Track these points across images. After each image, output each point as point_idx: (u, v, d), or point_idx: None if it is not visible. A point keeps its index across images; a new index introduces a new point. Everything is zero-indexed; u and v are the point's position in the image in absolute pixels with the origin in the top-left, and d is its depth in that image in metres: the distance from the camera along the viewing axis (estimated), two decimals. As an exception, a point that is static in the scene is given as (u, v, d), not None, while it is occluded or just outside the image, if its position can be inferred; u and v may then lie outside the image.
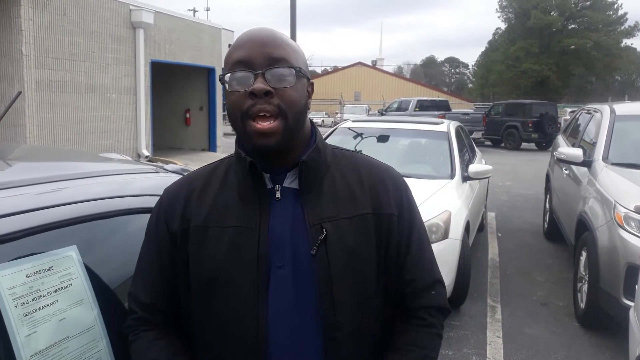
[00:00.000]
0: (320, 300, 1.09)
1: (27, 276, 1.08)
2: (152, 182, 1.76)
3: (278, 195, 1.13)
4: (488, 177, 5.88)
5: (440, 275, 1.24)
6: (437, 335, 1.20)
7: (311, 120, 1.21)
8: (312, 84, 1.19)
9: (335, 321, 1.10)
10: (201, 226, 1.14)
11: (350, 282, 1.11)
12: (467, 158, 6.25)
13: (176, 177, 1.88)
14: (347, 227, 1.12)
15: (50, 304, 1.10)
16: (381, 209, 1.16)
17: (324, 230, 1.10)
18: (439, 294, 1.22)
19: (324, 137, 1.22)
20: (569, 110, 25.73)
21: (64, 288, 1.14)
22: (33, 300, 1.07)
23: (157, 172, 1.87)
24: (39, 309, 1.07)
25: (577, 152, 5.37)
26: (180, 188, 1.22)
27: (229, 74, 1.09)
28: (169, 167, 1.99)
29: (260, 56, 1.07)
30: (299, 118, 1.11)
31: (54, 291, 1.12)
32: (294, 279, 1.10)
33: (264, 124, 1.05)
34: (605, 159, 5.01)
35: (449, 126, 6.18)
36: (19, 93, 1.56)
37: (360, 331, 1.13)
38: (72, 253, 1.20)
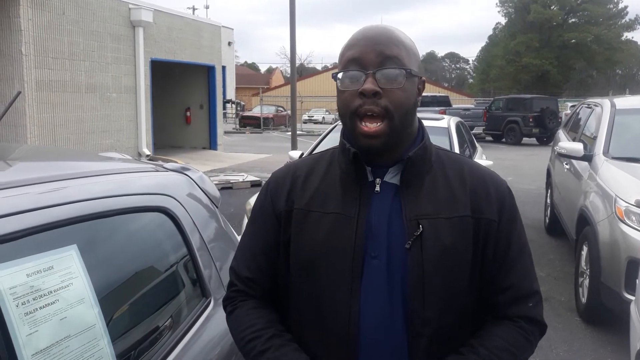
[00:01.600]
0: (411, 294, 1.11)
1: (28, 275, 1.08)
2: (152, 180, 1.76)
3: (377, 188, 1.15)
4: (489, 173, 5.85)
5: (538, 287, 1.22)
6: (528, 341, 1.17)
7: (420, 120, 1.23)
8: (423, 82, 1.19)
9: (423, 317, 1.11)
10: (303, 209, 1.18)
11: (442, 280, 1.11)
12: (468, 154, 6.25)
13: (176, 175, 1.89)
14: (444, 226, 1.13)
15: (51, 303, 1.10)
16: (481, 214, 1.16)
17: (420, 226, 1.11)
18: (536, 306, 1.20)
19: (322, 134, 1.24)
20: (569, 104, 25.68)
21: (65, 287, 1.14)
22: (34, 299, 1.07)
23: (157, 171, 1.87)
24: (40, 308, 1.08)
25: (577, 147, 5.36)
26: (287, 172, 1.27)
27: (341, 73, 1.12)
28: (168, 165, 1.99)
29: (372, 55, 1.09)
30: (406, 118, 1.13)
31: (55, 290, 1.12)
32: (387, 271, 1.12)
33: (371, 127, 1.08)
34: (605, 153, 5.00)
35: (449, 122, 6.18)
36: (19, 93, 1.57)
37: (447, 330, 1.13)
38: (72, 252, 1.20)
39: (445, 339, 1.14)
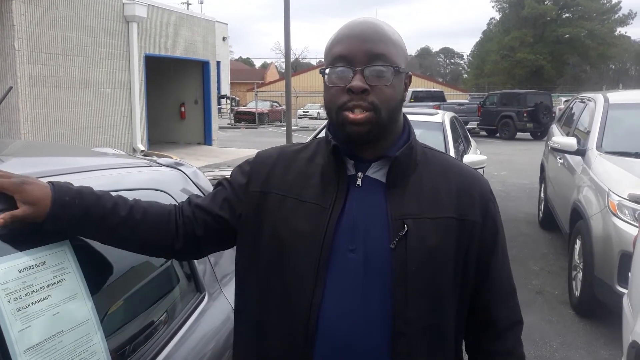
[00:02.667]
0: (393, 293, 1.10)
1: (20, 271, 1.08)
2: (145, 175, 1.76)
3: (359, 182, 1.15)
4: (483, 167, 5.89)
5: (515, 285, 1.28)
6: (522, 345, 1.28)
7: (405, 116, 1.24)
8: (409, 77, 1.20)
9: (406, 316, 1.10)
10: (280, 194, 1.18)
11: (426, 280, 1.12)
12: (462, 148, 6.26)
13: (170, 171, 1.89)
14: (429, 226, 1.13)
15: (44, 299, 1.10)
16: (466, 215, 1.16)
17: (405, 226, 1.11)
18: (516, 304, 1.27)
19: (317, 129, 1.25)
20: (563, 99, 25.77)
21: (57, 282, 1.14)
22: (26, 295, 1.07)
23: (151, 166, 1.87)
24: (32, 303, 1.07)
25: (571, 141, 5.38)
26: (271, 154, 1.27)
27: (329, 69, 1.13)
28: (162, 160, 1.99)
29: (360, 52, 1.09)
30: (393, 113, 1.14)
31: (47, 286, 1.12)
32: (365, 265, 1.11)
33: (357, 114, 1.09)
34: (599, 147, 5.03)
35: (443, 117, 6.19)
36: (10, 88, 1.56)
37: (432, 330, 1.14)
38: (65, 247, 1.20)
39: (432, 340, 1.14)
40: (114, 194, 1.23)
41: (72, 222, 1.15)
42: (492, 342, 1.25)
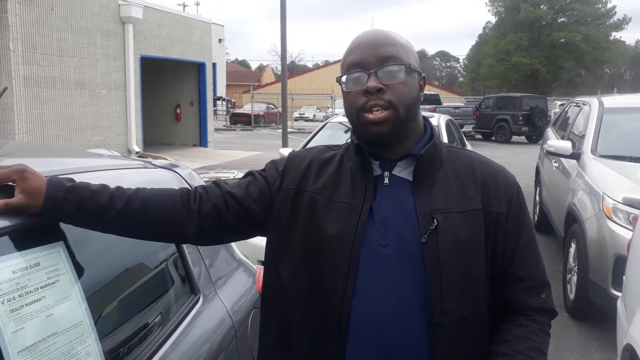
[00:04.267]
0: (429, 286, 1.14)
1: (14, 272, 1.07)
2: (140, 177, 1.75)
3: (386, 181, 1.20)
4: (478, 171, 5.89)
5: (547, 278, 1.28)
6: (547, 333, 1.25)
7: (424, 116, 1.29)
8: (424, 78, 1.26)
9: (442, 307, 1.14)
10: (315, 194, 1.23)
11: (459, 271, 1.15)
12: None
13: (164, 172, 1.88)
14: (458, 219, 1.17)
15: (38, 300, 1.09)
16: (490, 207, 1.20)
17: (435, 220, 1.15)
18: (549, 296, 1.27)
19: (313, 132, 1.26)
20: (558, 103, 25.85)
21: (52, 284, 1.14)
22: (20, 296, 1.06)
23: (146, 168, 1.87)
24: (26, 305, 1.07)
25: (566, 145, 5.40)
26: (306, 155, 1.31)
27: (345, 76, 1.20)
28: (157, 162, 1.99)
29: (372, 57, 1.16)
30: (410, 110, 1.18)
31: (41, 287, 1.11)
32: (398, 260, 1.15)
33: (377, 114, 1.14)
34: (593, 151, 5.04)
35: (439, 120, 6.21)
36: (5, 88, 1.55)
37: (467, 321, 1.17)
38: (59, 249, 1.19)
39: (468, 330, 1.18)
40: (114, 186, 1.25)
41: (66, 217, 1.19)
42: (513, 325, 1.22)
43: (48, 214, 1.16)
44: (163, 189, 1.29)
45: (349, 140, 1.27)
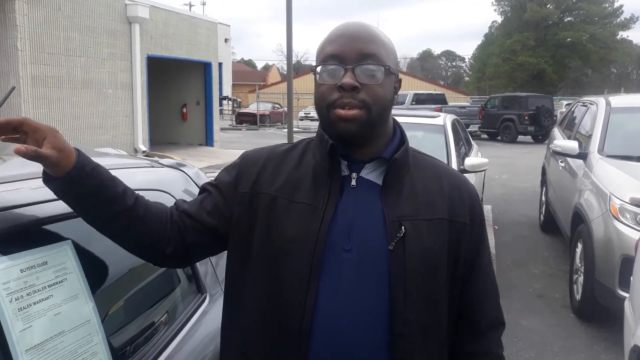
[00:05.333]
0: (393, 294, 1.11)
1: (22, 271, 1.08)
2: (147, 176, 1.76)
3: (354, 182, 1.16)
4: (484, 170, 5.88)
5: (497, 287, 1.31)
6: (502, 348, 1.30)
7: (395, 119, 1.25)
8: (399, 80, 1.22)
9: (405, 317, 1.11)
10: (272, 195, 1.18)
11: (422, 281, 1.13)
12: (463, 151, 6.26)
13: (171, 171, 1.89)
14: (425, 228, 1.14)
15: (45, 299, 1.10)
16: (457, 216, 1.19)
17: (403, 228, 1.12)
18: (499, 305, 1.30)
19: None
20: (565, 102, 25.73)
21: (59, 283, 1.14)
22: (28, 295, 1.07)
23: (153, 167, 1.87)
24: (34, 303, 1.07)
25: (572, 145, 5.38)
26: (260, 155, 1.26)
27: (320, 66, 1.13)
28: (164, 161, 1.99)
29: (352, 51, 1.11)
30: (383, 113, 1.14)
31: (49, 286, 1.12)
32: (360, 266, 1.11)
33: (348, 111, 1.09)
34: (600, 151, 5.02)
35: (445, 119, 6.18)
36: (13, 88, 1.55)
37: (428, 331, 1.15)
38: (67, 247, 1.19)
39: (428, 341, 1.15)
40: None
41: (85, 192, 1.11)
42: (471, 342, 1.25)
43: (70, 182, 1.08)
44: (157, 202, 1.25)
45: (315, 135, 1.23)
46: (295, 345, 1.10)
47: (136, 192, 1.21)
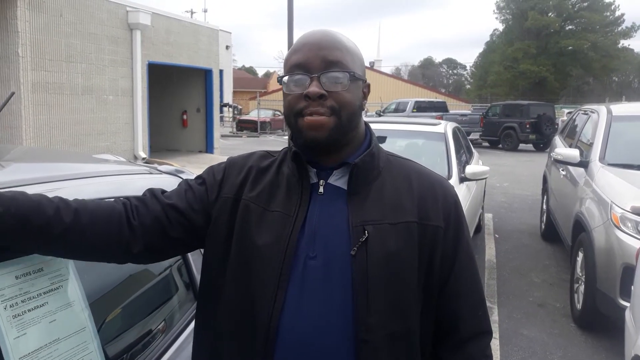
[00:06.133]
0: (354, 300, 1.10)
1: (17, 277, 1.07)
2: (145, 182, 1.75)
3: (321, 190, 1.16)
4: (485, 178, 5.87)
5: (484, 295, 1.26)
6: (489, 358, 1.24)
7: (367, 124, 1.25)
8: (368, 85, 1.22)
9: (368, 323, 1.09)
10: (251, 203, 1.19)
11: (388, 286, 1.11)
12: (464, 159, 6.25)
13: (170, 178, 1.88)
14: (389, 232, 1.13)
15: (40, 306, 1.09)
16: (428, 220, 1.16)
17: (366, 232, 1.11)
18: (485, 314, 1.25)
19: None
20: (566, 111, 25.75)
21: (55, 290, 1.13)
22: (22, 302, 1.06)
23: (151, 173, 1.87)
24: (29, 310, 1.06)
25: (573, 153, 5.37)
26: (244, 162, 1.27)
27: (287, 77, 1.14)
28: (162, 168, 1.99)
29: (317, 60, 1.12)
30: (352, 119, 1.15)
31: (44, 293, 1.11)
32: (325, 272, 1.11)
33: (315, 118, 1.10)
34: (602, 159, 5.01)
35: (445, 127, 6.18)
36: (12, 93, 1.55)
37: (395, 338, 1.12)
38: (63, 254, 1.18)
39: (397, 347, 1.13)
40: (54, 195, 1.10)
41: (6, 237, 1.01)
42: (451, 353, 1.21)
43: None
44: (103, 202, 1.16)
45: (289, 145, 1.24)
46: (262, 349, 1.11)
47: (78, 199, 1.13)
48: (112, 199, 1.18)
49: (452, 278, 1.19)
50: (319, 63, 1.11)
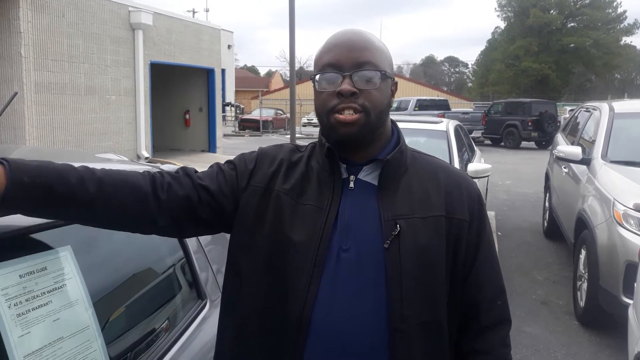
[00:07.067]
0: (389, 291, 1.13)
1: (21, 276, 1.07)
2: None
3: (352, 185, 1.20)
4: (487, 176, 5.87)
5: (504, 284, 1.31)
6: (508, 347, 1.27)
7: (393, 121, 1.29)
8: (396, 84, 1.26)
9: (401, 313, 1.14)
10: (283, 194, 1.21)
11: (420, 278, 1.16)
12: (466, 157, 6.25)
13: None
14: (420, 226, 1.17)
15: (44, 305, 1.09)
16: (454, 214, 1.21)
17: (398, 226, 1.15)
18: (504, 304, 1.29)
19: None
20: (568, 108, 25.70)
21: (58, 288, 1.14)
22: (27, 300, 1.06)
23: (153, 173, 1.87)
24: (33, 309, 1.07)
25: (576, 150, 5.36)
26: (277, 153, 1.29)
27: (318, 75, 1.18)
28: (165, 167, 1.99)
29: (349, 59, 1.15)
30: (381, 116, 1.19)
31: (48, 291, 1.11)
32: (358, 265, 1.15)
33: (347, 116, 1.14)
34: (604, 156, 5.00)
35: (447, 125, 6.18)
36: (15, 93, 1.56)
37: (427, 327, 1.17)
38: (66, 253, 1.19)
39: (429, 336, 1.17)
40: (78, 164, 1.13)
41: (31, 205, 1.05)
42: (473, 339, 1.26)
43: (11, 204, 1.01)
44: (131, 173, 1.17)
45: (316, 141, 1.27)
46: (293, 336, 1.14)
47: (100, 168, 1.14)
48: (141, 172, 1.20)
49: (475, 269, 1.24)
50: (350, 62, 1.15)
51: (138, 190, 1.15)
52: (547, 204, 7.49)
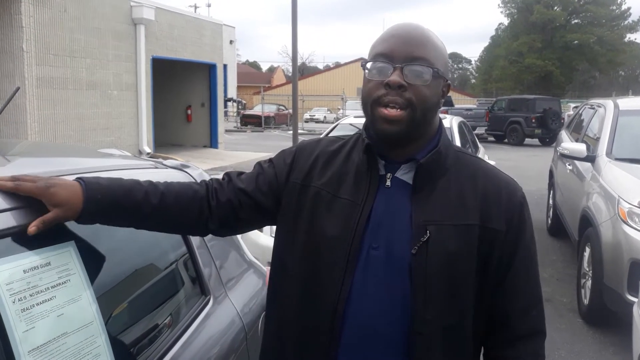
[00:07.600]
0: (412, 295, 1.13)
1: (25, 272, 1.06)
2: (151, 177, 1.74)
3: (388, 183, 1.19)
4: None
5: (541, 295, 1.27)
6: (541, 357, 1.23)
7: (441, 121, 1.27)
8: (448, 85, 1.23)
9: (424, 317, 1.13)
10: (321, 190, 1.23)
11: (445, 285, 1.14)
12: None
13: (175, 173, 1.87)
14: (451, 233, 1.15)
15: (48, 300, 1.09)
16: (489, 222, 1.17)
17: (428, 232, 1.14)
18: (539, 314, 1.24)
19: (324, 133, 1.25)
20: (572, 105, 25.66)
21: (62, 284, 1.13)
22: (31, 295, 1.06)
23: (157, 168, 1.86)
24: (37, 304, 1.06)
25: (580, 147, 5.34)
26: (314, 148, 1.31)
27: (370, 63, 1.17)
28: (167, 162, 1.98)
29: (402, 53, 1.13)
30: (427, 114, 1.16)
31: (52, 287, 1.10)
32: (386, 264, 1.15)
33: (392, 111, 1.12)
34: (608, 154, 4.98)
35: (451, 122, 6.17)
36: (17, 88, 1.55)
37: (449, 331, 1.16)
38: (70, 248, 1.19)
39: (445, 339, 1.16)
40: (145, 179, 1.28)
41: (104, 217, 1.20)
42: (502, 348, 1.23)
43: (86, 218, 1.16)
44: (187, 184, 1.32)
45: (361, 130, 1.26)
46: (328, 327, 1.16)
47: (162, 182, 1.29)
48: (198, 182, 1.35)
49: (508, 278, 1.20)
50: (404, 55, 1.13)
51: (194, 200, 1.27)
52: (551, 201, 7.47)
